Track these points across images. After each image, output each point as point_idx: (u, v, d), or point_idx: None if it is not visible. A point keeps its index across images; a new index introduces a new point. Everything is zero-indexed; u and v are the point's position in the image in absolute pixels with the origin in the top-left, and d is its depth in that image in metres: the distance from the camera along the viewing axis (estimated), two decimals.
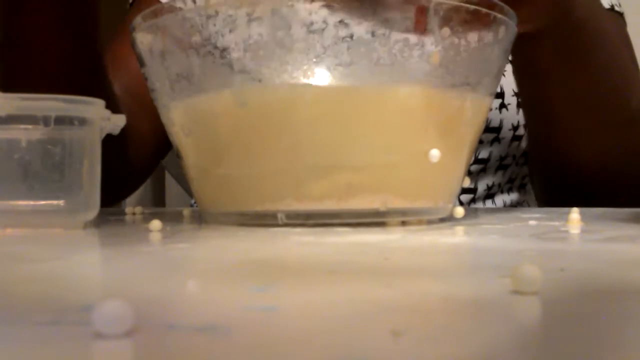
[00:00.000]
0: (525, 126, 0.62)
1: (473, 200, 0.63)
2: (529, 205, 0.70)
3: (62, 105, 0.30)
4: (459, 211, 0.34)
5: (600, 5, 0.53)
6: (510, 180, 0.66)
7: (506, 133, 0.63)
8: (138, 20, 0.31)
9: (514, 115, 0.62)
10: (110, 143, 0.35)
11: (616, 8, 0.61)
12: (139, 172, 0.62)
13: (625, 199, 0.51)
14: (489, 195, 0.65)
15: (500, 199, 0.65)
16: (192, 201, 0.78)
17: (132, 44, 0.33)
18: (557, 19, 0.45)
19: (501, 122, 0.62)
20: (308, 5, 0.27)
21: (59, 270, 0.18)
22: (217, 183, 0.32)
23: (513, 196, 0.67)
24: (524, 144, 0.64)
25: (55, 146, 0.30)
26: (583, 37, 0.47)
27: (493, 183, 0.64)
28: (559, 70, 0.48)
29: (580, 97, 0.50)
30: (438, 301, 0.13)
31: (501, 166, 0.64)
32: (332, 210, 0.29)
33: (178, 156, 0.35)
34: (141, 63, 0.33)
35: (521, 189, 0.68)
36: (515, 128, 0.63)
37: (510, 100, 0.62)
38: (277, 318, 0.12)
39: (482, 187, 0.63)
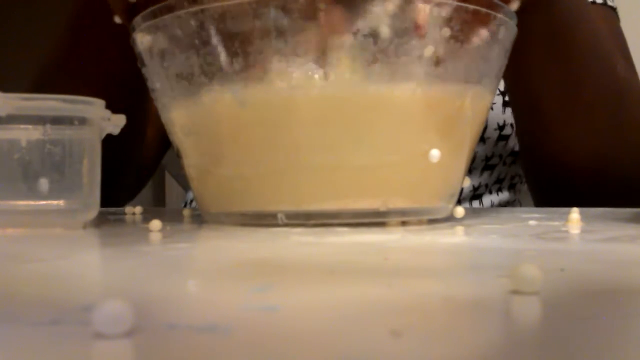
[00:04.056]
0: (512, 125, 0.62)
1: (458, 201, 0.63)
2: (520, 205, 0.70)
3: (61, 105, 0.30)
4: (459, 211, 0.34)
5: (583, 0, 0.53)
6: (499, 181, 0.66)
7: (491, 133, 0.62)
8: (138, 20, 0.31)
9: (499, 115, 0.62)
10: (116, 144, 0.35)
11: (609, 2, 0.61)
12: (144, 172, 0.63)
13: (614, 195, 0.51)
14: (476, 195, 0.65)
15: (488, 199, 0.65)
16: (184, 203, 0.78)
17: (132, 44, 0.33)
18: (540, 11, 0.45)
19: (486, 121, 0.62)
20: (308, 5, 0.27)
21: (59, 270, 0.18)
22: (217, 183, 0.32)
23: (502, 196, 0.67)
24: (511, 143, 0.64)
25: (55, 146, 0.30)
26: (563, 29, 0.47)
27: (480, 183, 0.64)
28: (542, 63, 0.48)
29: (563, 89, 0.50)
30: (438, 301, 0.13)
31: (487, 166, 0.64)
32: (332, 210, 0.29)
33: (178, 156, 0.35)
34: (141, 63, 0.33)
35: (511, 188, 0.68)
36: (501, 127, 0.62)
37: (496, 99, 0.62)
38: (277, 318, 0.12)
39: (467, 187, 0.63)
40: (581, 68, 0.49)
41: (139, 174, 0.63)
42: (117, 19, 0.36)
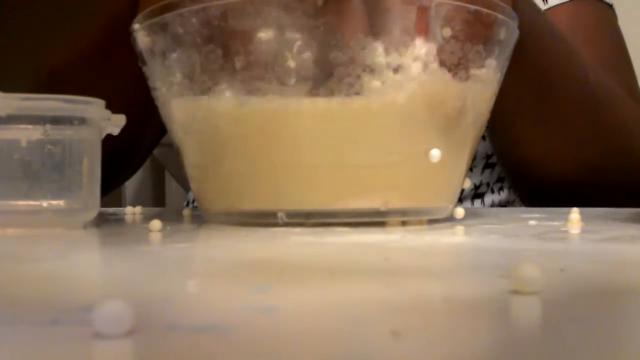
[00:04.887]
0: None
1: (460, 200, 0.63)
2: (521, 204, 0.70)
3: (61, 105, 0.30)
4: (459, 211, 0.34)
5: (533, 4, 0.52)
6: (500, 179, 0.66)
7: None
8: (139, 18, 0.31)
9: None
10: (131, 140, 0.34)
11: None
12: (138, 163, 0.63)
13: (601, 201, 0.51)
14: (477, 194, 0.64)
15: (490, 199, 0.65)
16: (186, 202, 0.77)
17: (133, 43, 0.33)
18: None
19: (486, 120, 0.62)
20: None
21: (59, 270, 0.18)
22: (217, 182, 0.32)
23: (503, 195, 0.67)
24: None
25: (55, 146, 0.30)
26: (523, 40, 0.47)
27: (481, 182, 0.64)
28: (507, 80, 0.48)
29: (532, 104, 0.49)
30: (438, 301, 0.13)
31: (488, 164, 0.64)
32: (332, 210, 0.29)
33: (178, 155, 0.35)
34: (142, 62, 0.33)
35: (511, 187, 0.68)
36: None
37: None
38: (277, 318, 0.12)
39: (468, 186, 0.63)
40: (548, 82, 0.49)
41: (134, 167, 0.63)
42: None
